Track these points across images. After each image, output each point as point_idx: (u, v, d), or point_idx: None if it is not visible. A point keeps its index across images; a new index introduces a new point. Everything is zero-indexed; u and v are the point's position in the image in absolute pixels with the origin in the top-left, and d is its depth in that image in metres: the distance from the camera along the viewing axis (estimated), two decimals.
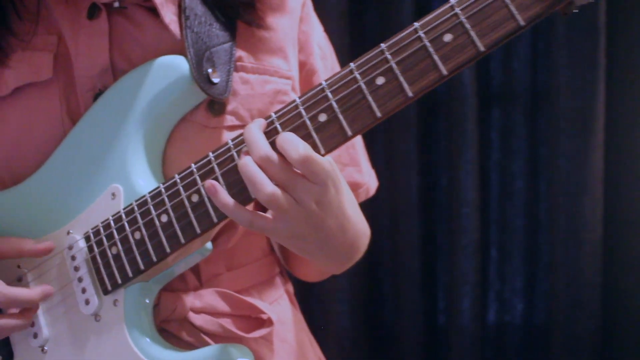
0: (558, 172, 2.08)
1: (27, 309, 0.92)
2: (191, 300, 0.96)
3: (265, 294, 1.03)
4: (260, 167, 0.79)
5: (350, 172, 1.07)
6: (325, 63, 1.05)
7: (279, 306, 1.05)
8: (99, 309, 0.90)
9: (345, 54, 1.11)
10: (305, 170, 0.78)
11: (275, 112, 0.81)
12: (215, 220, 0.84)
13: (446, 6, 0.76)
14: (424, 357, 2.21)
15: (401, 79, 0.77)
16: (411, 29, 0.77)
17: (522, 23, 0.74)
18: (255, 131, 0.80)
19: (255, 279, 1.03)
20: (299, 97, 0.81)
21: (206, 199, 0.84)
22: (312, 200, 0.79)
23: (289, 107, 0.81)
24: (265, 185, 0.78)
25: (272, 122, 0.81)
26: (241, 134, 0.82)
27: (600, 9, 1.98)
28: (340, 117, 0.79)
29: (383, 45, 0.78)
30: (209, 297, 0.97)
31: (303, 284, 1.13)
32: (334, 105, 0.79)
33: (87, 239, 0.91)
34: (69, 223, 0.93)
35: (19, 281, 0.95)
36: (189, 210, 0.85)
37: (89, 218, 0.91)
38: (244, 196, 0.82)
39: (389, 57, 0.77)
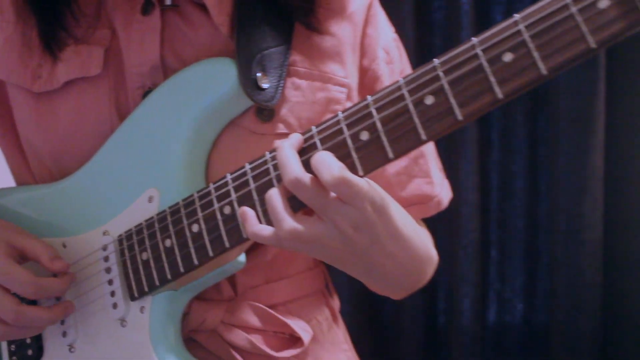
0: (558, 172, 2.08)
1: (62, 304, 0.92)
2: (223, 312, 0.93)
3: (305, 310, 0.99)
4: (292, 190, 0.73)
5: (419, 184, 1.00)
6: (392, 68, 0.98)
7: (318, 324, 1.00)
8: (126, 314, 0.89)
9: None
10: (340, 192, 0.71)
11: (317, 126, 0.76)
12: (244, 236, 0.80)
13: (509, 22, 0.67)
14: (424, 357, 2.21)
15: (452, 100, 0.69)
16: (469, 44, 0.68)
17: (593, 45, 0.65)
18: (287, 151, 0.74)
19: (295, 293, 0.98)
20: (342, 112, 0.75)
21: (238, 213, 0.80)
22: (349, 225, 0.73)
23: (330, 122, 0.75)
24: (283, 222, 0.73)
25: (311, 137, 0.76)
26: None
27: None
28: (383, 137, 0.72)
29: (436, 61, 0.70)
30: (241, 310, 0.93)
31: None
32: (378, 123, 0.72)
33: (120, 242, 0.90)
34: (107, 223, 0.92)
35: (53, 277, 0.94)
36: (220, 222, 0.81)
37: (126, 220, 0.90)
38: None
39: (441, 74, 0.69)
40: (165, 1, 0.91)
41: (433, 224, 2.27)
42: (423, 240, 0.89)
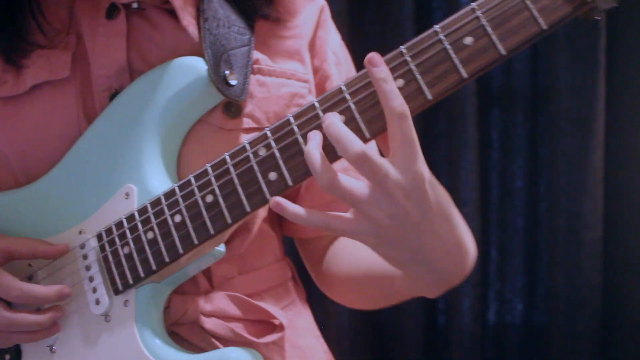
0: (558, 172, 2.08)
1: (52, 308, 0.91)
2: (202, 303, 0.94)
3: (277, 299, 1.02)
4: (356, 165, 0.72)
5: None
6: (340, 69, 1.03)
7: (290, 311, 1.03)
8: (110, 309, 0.89)
9: None
10: (405, 155, 0.73)
11: (293, 115, 0.80)
12: (229, 221, 0.82)
13: (467, 9, 0.74)
14: (424, 357, 2.21)
15: (420, 81, 0.75)
16: (431, 31, 0.75)
17: (544, 27, 0.73)
18: (343, 126, 0.74)
19: (267, 283, 1.01)
20: (316, 99, 0.79)
21: (220, 200, 0.82)
22: (402, 192, 0.72)
23: (306, 108, 0.79)
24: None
25: (288, 123, 0.79)
26: (257, 135, 0.81)
27: None
28: (358, 118, 0.77)
29: (402, 48, 0.76)
30: (220, 300, 0.95)
31: (303, 282, 1.13)
32: (352, 106, 0.77)
33: (99, 238, 0.90)
34: (82, 222, 0.92)
35: (29, 279, 0.93)
36: (203, 210, 0.83)
37: (102, 218, 0.90)
38: (259, 197, 0.81)
39: (409, 59, 0.75)
40: (132, 5, 0.92)
41: None
42: (468, 231, 0.86)
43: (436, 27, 0.75)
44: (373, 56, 0.74)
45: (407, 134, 0.72)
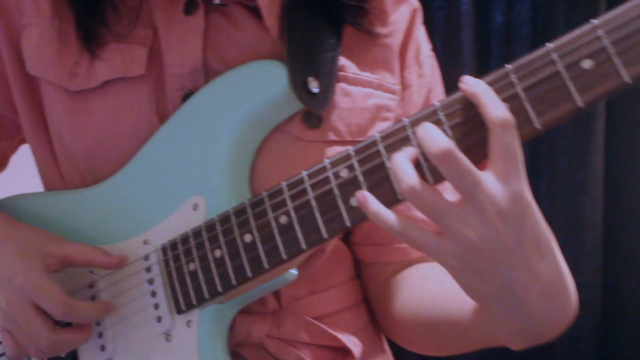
0: (558, 172, 2.08)
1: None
2: (269, 325, 0.88)
3: (349, 321, 0.94)
4: (439, 163, 0.63)
5: None
6: (422, 82, 0.94)
7: (363, 335, 0.95)
8: (171, 328, 0.83)
9: None
10: (505, 166, 0.63)
11: (380, 133, 0.71)
12: (303, 247, 0.74)
13: (587, 27, 0.64)
14: (424, 357, 2.20)
15: (528, 107, 0.64)
16: (543, 50, 0.65)
17: None
18: (431, 125, 0.65)
19: (339, 304, 0.94)
20: (409, 119, 0.69)
21: (295, 223, 0.75)
22: (495, 210, 0.61)
23: (395, 128, 0.70)
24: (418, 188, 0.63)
25: (374, 144, 0.70)
26: (340, 154, 0.73)
27: (600, 8, 1.99)
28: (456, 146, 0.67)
29: (509, 67, 0.66)
30: (288, 323, 0.89)
31: None
32: (449, 132, 0.66)
33: (164, 251, 0.84)
34: (147, 232, 0.86)
35: (90, 287, 0.89)
36: (276, 232, 0.76)
37: (168, 229, 0.84)
38: (338, 223, 0.72)
39: (515, 81, 0.65)
40: (213, 0, 0.86)
41: None
42: (568, 273, 0.70)
43: (549, 46, 0.64)
44: (466, 76, 0.67)
45: (509, 146, 0.62)
